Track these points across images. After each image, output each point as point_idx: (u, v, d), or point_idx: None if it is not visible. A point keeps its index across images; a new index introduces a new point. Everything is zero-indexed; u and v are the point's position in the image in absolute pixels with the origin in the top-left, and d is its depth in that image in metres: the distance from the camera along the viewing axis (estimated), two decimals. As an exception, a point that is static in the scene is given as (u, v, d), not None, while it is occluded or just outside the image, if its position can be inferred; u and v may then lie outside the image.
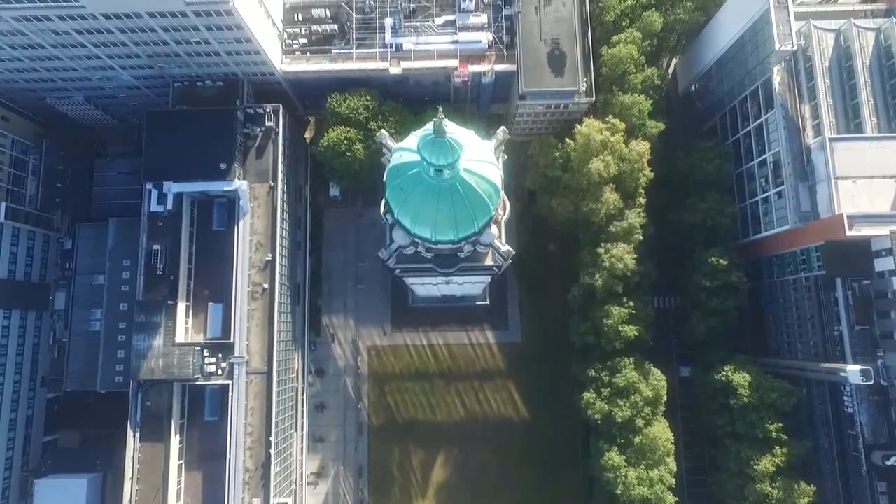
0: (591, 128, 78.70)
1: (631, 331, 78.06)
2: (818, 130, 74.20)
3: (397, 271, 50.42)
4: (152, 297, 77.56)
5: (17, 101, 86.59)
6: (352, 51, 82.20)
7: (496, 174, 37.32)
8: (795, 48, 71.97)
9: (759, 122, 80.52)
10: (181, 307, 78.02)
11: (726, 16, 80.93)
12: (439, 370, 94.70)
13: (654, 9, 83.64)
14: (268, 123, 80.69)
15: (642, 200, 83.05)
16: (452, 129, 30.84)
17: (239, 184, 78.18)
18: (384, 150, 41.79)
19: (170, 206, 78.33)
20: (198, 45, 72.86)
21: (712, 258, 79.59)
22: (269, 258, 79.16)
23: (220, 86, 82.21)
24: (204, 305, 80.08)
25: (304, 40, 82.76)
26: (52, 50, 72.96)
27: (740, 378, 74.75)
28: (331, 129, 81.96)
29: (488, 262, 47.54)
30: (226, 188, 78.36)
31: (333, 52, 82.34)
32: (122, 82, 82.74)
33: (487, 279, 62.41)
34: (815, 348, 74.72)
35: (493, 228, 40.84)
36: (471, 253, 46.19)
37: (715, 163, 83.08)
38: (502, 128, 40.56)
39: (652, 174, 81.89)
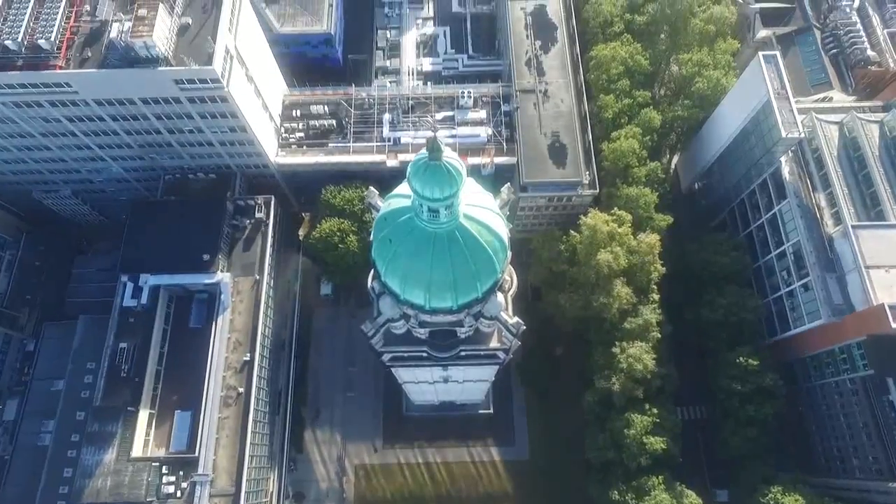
0: (596, 219, 74.96)
1: (657, 443, 68.05)
2: (838, 219, 70.23)
3: (386, 358, 43.06)
4: (111, 402, 68.42)
5: (2, 195, 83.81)
6: (349, 144, 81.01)
7: (502, 227, 31.81)
8: (802, 135, 70.27)
9: (772, 213, 76.98)
10: (143, 415, 68.46)
11: (726, 111, 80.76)
12: (437, 494, 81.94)
13: (651, 107, 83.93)
14: (258, 215, 77.16)
15: (656, 296, 77.10)
16: (450, 154, 25.90)
17: (221, 276, 72.58)
18: (373, 211, 36.75)
19: (144, 300, 71.98)
20: (191, 134, 71.21)
21: (740, 358, 71.69)
22: (248, 358, 71.21)
23: (213, 178, 79.81)
24: (170, 413, 70.39)
25: (301, 134, 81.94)
26: (41, 139, 71.23)
27: (792, 502, 63.31)
28: (324, 221, 78.21)
29: (494, 343, 40.37)
30: (207, 281, 72.56)
31: (330, 145, 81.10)
32: (111, 174, 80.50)
33: (492, 373, 54.39)
34: (877, 464, 64.12)
35: (500, 297, 34.49)
36: (472, 331, 39.24)
37: (731, 255, 78.17)
38: (507, 185, 35.72)
39: (664, 269, 76.81)
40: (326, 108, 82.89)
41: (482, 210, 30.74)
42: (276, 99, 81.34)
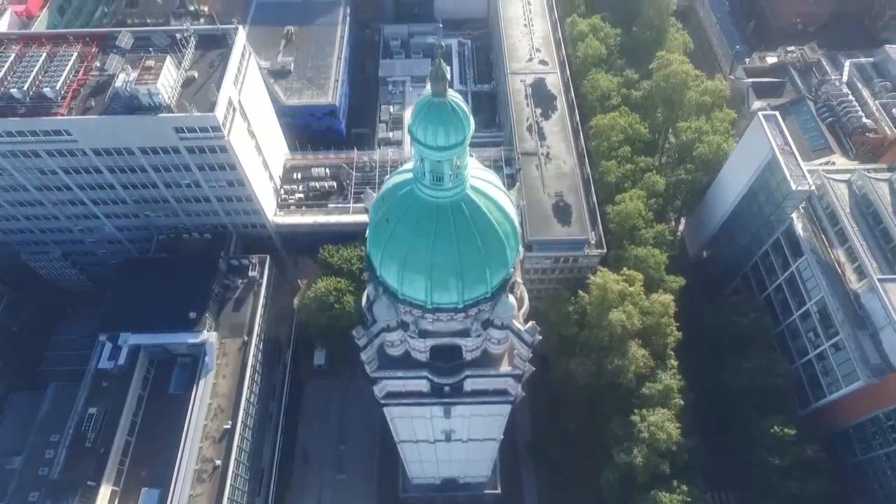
0: (606, 277, 71.55)
1: (691, 526, 59.29)
2: (861, 273, 66.61)
3: (380, 393, 37.47)
4: (71, 476, 60.63)
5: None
6: (349, 205, 79.71)
7: (513, 210, 28.39)
8: (812, 187, 68.79)
9: (789, 272, 73.52)
10: (104, 492, 60.25)
11: (729, 173, 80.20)
12: None
13: (654, 171, 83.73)
14: (251, 274, 73.75)
15: (674, 363, 71.61)
16: (457, 96, 23.08)
17: (207, 336, 67.64)
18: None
19: (122, 361, 66.55)
20: (188, 188, 69.90)
21: (774, 428, 64.66)
22: (229, 426, 64.32)
23: (207, 238, 77.40)
24: (135, 491, 62.10)
25: (301, 195, 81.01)
26: (35, 193, 69.83)
27: None
28: (320, 280, 74.63)
29: (504, 368, 35.18)
30: (191, 340, 67.44)
31: (330, 206, 79.80)
32: (104, 234, 78.30)
33: (500, 426, 47.70)
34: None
35: (511, 299, 30.25)
36: (480, 352, 34.31)
37: (750, 317, 73.61)
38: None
39: (680, 334, 72.13)
40: (328, 170, 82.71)
41: (492, 186, 27.67)
42: (277, 161, 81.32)
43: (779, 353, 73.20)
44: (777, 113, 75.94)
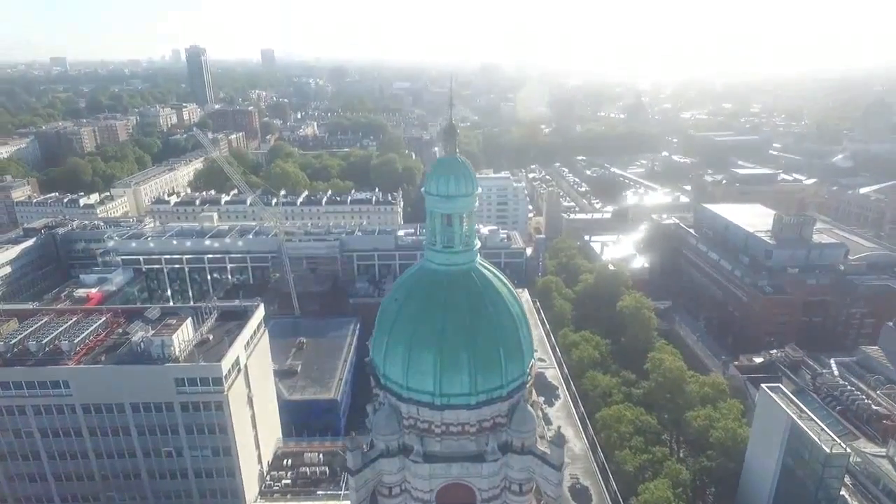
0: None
1: None
2: (955, 554, 54.93)
3: None
4: None
5: None
6: (340, 492, 70.73)
7: (522, 306, 26.29)
8: (848, 451, 63.08)
9: (868, 568, 60.31)
10: None
11: (756, 456, 74.37)
12: None
13: (674, 459, 77.77)
14: (211, 573, 60.16)
15: None
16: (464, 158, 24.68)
17: None
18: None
19: None
20: (168, 458, 64.06)
21: None
22: None
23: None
24: None
25: (289, 482, 72.70)
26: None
27: None
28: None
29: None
30: None
31: (319, 492, 70.84)
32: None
33: None
34: None
35: (531, 410, 24.48)
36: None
37: None
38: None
39: None
40: (321, 456, 76.63)
41: (500, 274, 27.28)
42: (268, 445, 76.35)
43: None
44: (780, 385, 75.70)
